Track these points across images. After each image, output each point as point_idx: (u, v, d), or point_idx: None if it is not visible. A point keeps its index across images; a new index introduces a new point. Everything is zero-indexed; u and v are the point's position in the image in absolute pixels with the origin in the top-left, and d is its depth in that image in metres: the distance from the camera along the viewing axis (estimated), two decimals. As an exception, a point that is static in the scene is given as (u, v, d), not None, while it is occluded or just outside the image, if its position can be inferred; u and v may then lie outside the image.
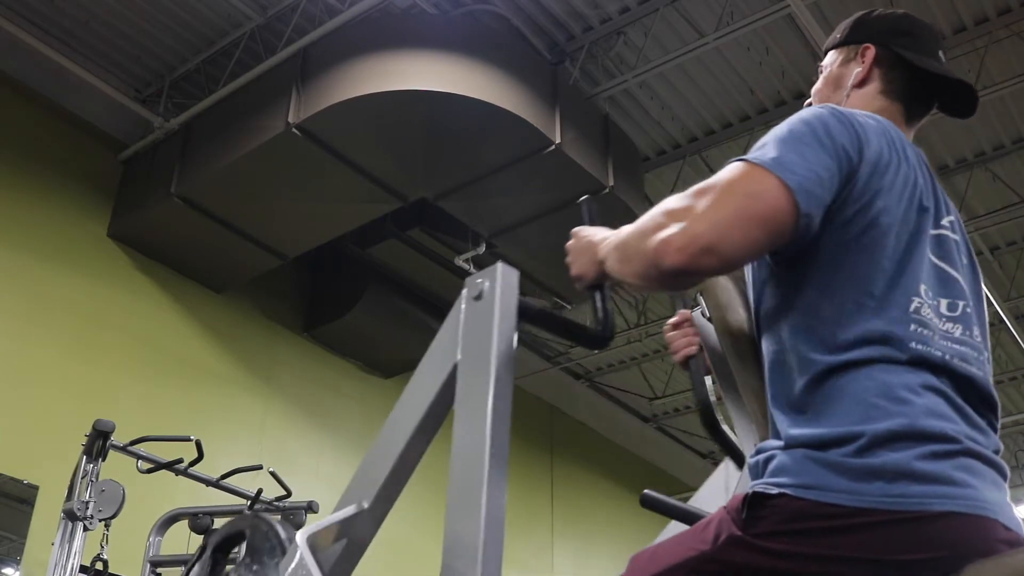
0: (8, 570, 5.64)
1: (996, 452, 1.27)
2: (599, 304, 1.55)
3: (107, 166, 7.02)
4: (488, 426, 1.26)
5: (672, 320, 1.85)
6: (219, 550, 1.73)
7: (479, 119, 6.10)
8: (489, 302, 1.36)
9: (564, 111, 6.40)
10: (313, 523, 1.44)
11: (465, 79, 6.01)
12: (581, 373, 10.35)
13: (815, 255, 1.30)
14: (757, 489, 1.23)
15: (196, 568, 1.75)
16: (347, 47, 6.10)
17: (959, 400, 1.26)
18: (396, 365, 8.32)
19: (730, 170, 1.30)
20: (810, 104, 1.63)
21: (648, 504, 1.82)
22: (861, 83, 1.57)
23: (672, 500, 1.83)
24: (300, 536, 1.40)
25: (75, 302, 6.49)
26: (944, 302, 1.33)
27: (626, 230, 1.39)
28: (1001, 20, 6.46)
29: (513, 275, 1.39)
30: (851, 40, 1.63)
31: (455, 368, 1.36)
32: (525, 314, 1.41)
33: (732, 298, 1.59)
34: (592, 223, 1.64)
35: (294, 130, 6.04)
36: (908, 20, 1.63)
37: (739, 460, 1.78)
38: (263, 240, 7.04)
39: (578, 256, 1.55)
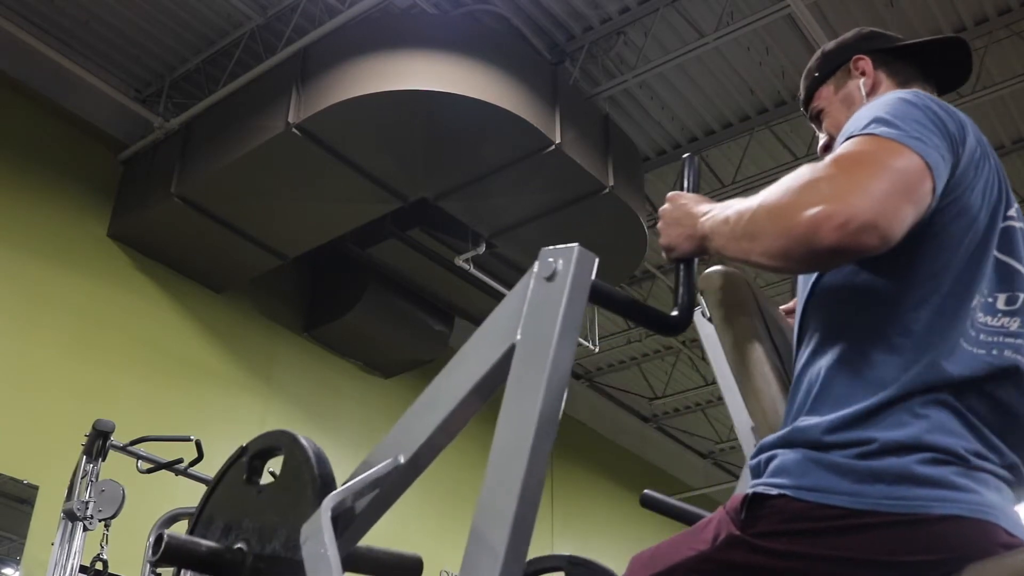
0: (8, 570, 5.64)
1: (1010, 468, 1.24)
2: (683, 280, 1.45)
3: (107, 166, 7.02)
4: (535, 420, 1.19)
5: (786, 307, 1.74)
6: (257, 457, 1.72)
7: (479, 119, 6.09)
8: (561, 284, 1.24)
9: (564, 111, 6.40)
10: (345, 486, 1.40)
11: (465, 79, 6.00)
12: (581, 373, 10.35)
13: (899, 246, 1.21)
14: (757, 490, 1.23)
15: (232, 469, 1.74)
16: (347, 47, 6.09)
17: (973, 419, 1.22)
18: (396, 365, 8.32)
19: (865, 143, 1.21)
20: (824, 149, 1.61)
21: (648, 504, 1.82)
22: (871, 90, 1.56)
23: (672, 500, 1.84)
24: (326, 505, 1.37)
25: (75, 302, 6.49)
26: (1003, 296, 1.29)
27: (743, 205, 1.29)
28: (1001, 20, 6.47)
29: (590, 259, 1.27)
30: (832, 69, 1.63)
31: (511, 348, 1.27)
32: (604, 299, 1.31)
33: (736, 295, 1.59)
34: (692, 187, 1.54)
35: (294, 130, 6.04)
36: (868, 29, 1.65)
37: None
38: (263, 240, 7.04)
39: (672, 225, 1.45)
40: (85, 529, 4.33)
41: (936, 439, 1.18)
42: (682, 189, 1.56)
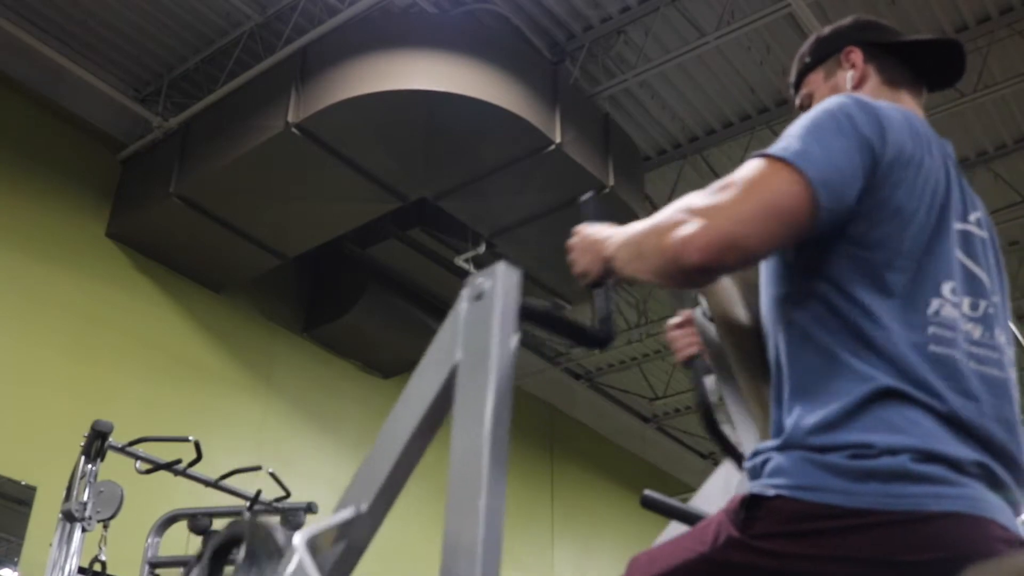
0: (6, 571, 5.63)
1: (997, 475, 1.23)
2: (601, 303, 1.53)
3: (106, 165, 7.02)
4: (487, 429, 1.23)
5: (674, 320, 1.84)
6: (218, 554, 1.73)
7: (479, 119, 6.08)
8: (490, 302, 1.33)
9: (564, 111, 6.39)
10: (312, 525, 1.43)
11: (465, 79, 6.00)
12: (581, 373, 10.34)
13: (833, 249, 1.28)
14: (755, 491, 1.23)
15: (195, 572, 1.76)
16: (347, 46, 6.09)
17: (956, 423, 1.22)
18: (396, 365, 8.31)
19: (750, 165, 1.28)
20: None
21: (648, 505, 1.81)
22: (858, 84, 1.55)
23: (672, 501, 1.82)
24: (299, 538, 1.39)
25: (74, 302, 6.48)
26: (967, 301, 1.31)
27: (638, 227, 1.36)
28: (1003, 19, 6.45)
29: (514, 275, 1.36)
30: (824, 56, 1.62)
31: (455, 369, 1.34)
32: (528, 314, 1.38)
33: (734, 297, 1.58)
34: (595, 220, 1.61)
35: (293, 130, 6.03)
36: (867, 19, 1.64)
37: (739, 461, 1.76)
38: (263, 240, 7.04)
39: (582, 254, 1.52)
40: (83, 530, 4.33)
41: (931, 445, 1.18)
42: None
